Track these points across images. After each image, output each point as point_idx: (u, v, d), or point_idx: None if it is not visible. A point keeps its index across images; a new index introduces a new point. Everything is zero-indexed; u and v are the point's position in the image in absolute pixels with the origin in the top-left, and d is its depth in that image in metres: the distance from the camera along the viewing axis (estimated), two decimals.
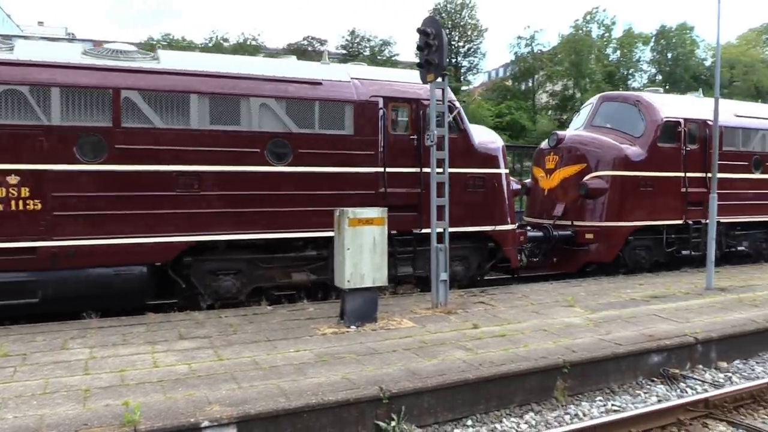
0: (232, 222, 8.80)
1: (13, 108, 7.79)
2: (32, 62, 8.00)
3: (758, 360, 7.90)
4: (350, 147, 9.59)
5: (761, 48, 61.24)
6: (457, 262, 10.55)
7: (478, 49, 53.56)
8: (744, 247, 14.11)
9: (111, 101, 8.25)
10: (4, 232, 7.69)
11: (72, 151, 8.06)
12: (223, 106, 8.82)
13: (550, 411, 6.18)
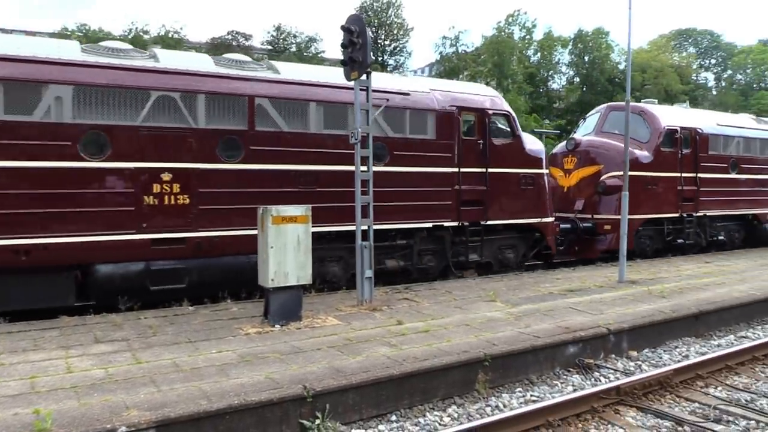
0: (338, 215, 9.84)
1: (167, 112, 8.75)
2: (179, 71, 8.99)
3: (665, 348, 8.36)
4: (433, 150, 11.03)
5: (670, 54, 64.70)
6: (509, 249, 12.29)
7: (404, 48, 54.25)
8: (722, 236, 16.58)
9: (247, 107, 9.35)
10: (161, 224, 8.60)
11: (215, 152, 9.12)
12: (333, 112, 10.07)
13: (472, 403, 6.32)
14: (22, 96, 7.96)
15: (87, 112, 8.33)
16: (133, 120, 8.62)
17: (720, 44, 70.19)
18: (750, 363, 7.73)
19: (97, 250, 8.41)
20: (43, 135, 8.08)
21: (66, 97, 8.17)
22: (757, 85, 63.87)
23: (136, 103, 8.64)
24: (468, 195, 11.32)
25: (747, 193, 16.92)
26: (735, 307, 9.60)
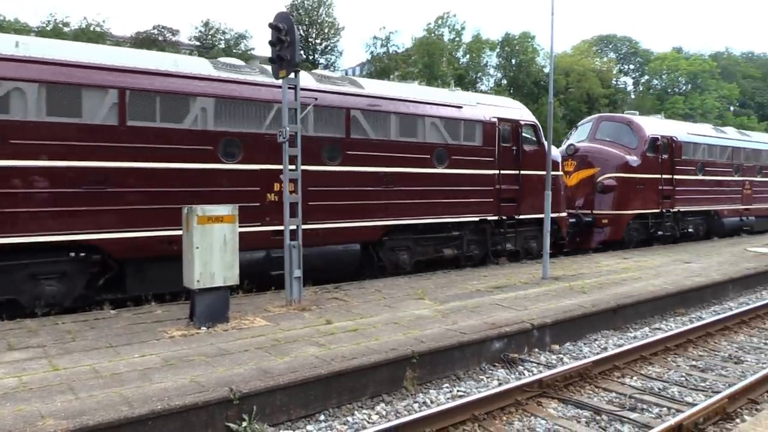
0: (409, 211, 11.68)
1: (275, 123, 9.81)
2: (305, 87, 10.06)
3: (585, 341, 8.69)
4: (479, 155, 12.88)
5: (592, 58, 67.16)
6: (533, 240, 14.28)
7: (335, 47, 54.08)
8: (691, 229, 19.24)
9: (344, 118, 10.87)
10: (279, 218, 9.25)
11: (320, 156, 10.54)
12: (408, 123, 11.73)
13: (400, 400, 6.39)
14: (174, 106, 9.17)
15: (224, 122, 9.61)
16: (259, 128, 9.96)
17: (638, 51, 73.54)
18: (663, 353, 8.14)
19: None
20: (191, 140, 9.30)
21: (209, 108, 9.45)
22: (671, 90, 67.26)
23: (260, 114, 9.99)
24: (505, 193, 13.34)
25: (710, 192, 19.85)
26: (650, 300, 10.09)
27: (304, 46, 51.28)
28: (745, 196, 21.57)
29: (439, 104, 12.33)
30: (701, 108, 60.89)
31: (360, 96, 11.24)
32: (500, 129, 13.29)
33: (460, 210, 12.55)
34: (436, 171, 12.14)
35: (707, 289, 11.50)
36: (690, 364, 7.88)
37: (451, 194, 12.35)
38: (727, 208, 20.67)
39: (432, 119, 12.12)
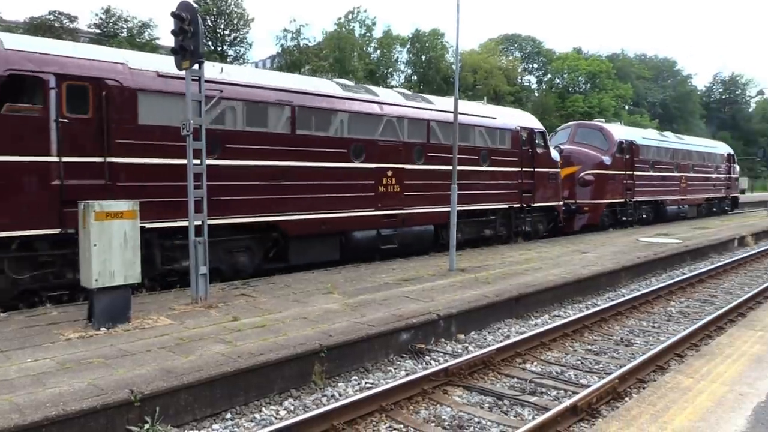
0: (465, 200, 14.11)
1: (389, 131, 12.94)
2: (393, 103, 13.29)
3: (489, 330, 9.00)
4: (508, 155, 16.15)
5: (498, 57, 69.28)
6: (540, 223, 17.88)
7: (245, 38, 52.98)
8: (644, 216, 23.71)
9: (426, 128, 13.87)
10: (387, 204, 12.81)
11: (412, 156, 13.46)
12: (464, 132, 14.52)
13: (308, 395, 6.39)
14: (324, 119, 11.74)
15: (353, 131, 12.24)
16: (373, 136, 12.69)
17: (541, 50, 76.54)
18: (561, 339, 8.57)
19: (354, 223, 12.31)
20: (334, 145, 11.81)
21: (345, 120, 12.06)
22: (572, 89, 70.46)
23: (374, 125, 12.73)
24: (524, 186, 16.64)
25: (659, 185, 24.46)
26: (550, 289, 10.57)
27: (211, 37, 49.92)
28: (681, 188, 26.34)
29: (482, 116, 15.74)
30: (599, 106, 64.22)
31: (433, 110, 14.29)
32: (521, 135, 16.63)
33: (496, 199, 15.87)
34: (481, 168, 15.34)
35: (602, 277, 12.18)
36: (586, 348, 8.33)
37: (490, 187, 15.62)
38: (669, 198, 25.37)
39: (479, 128, 15.39)
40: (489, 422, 5.80)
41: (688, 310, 10.67)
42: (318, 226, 11.57)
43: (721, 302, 11.24)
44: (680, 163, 26.23)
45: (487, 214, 15.79)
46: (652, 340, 8.75)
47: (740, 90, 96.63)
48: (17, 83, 8.21)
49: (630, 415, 4.67)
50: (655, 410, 4.75)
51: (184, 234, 9.11)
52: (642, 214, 23.59)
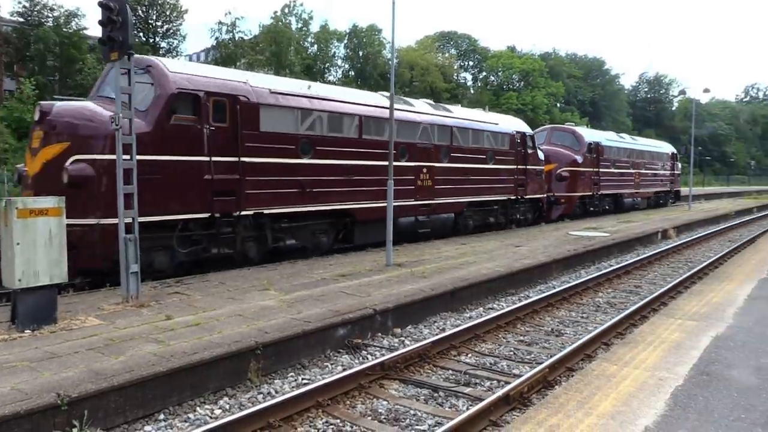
0: (476, 193, 17.55)
1: (424, 135, 15.59)
2: (426, 112, 16.12)
3: (426, 324, 9.14)
4: (507, 155, 19.04)
5: (435, 54, 69.96)
6: (528, 212, 20.94)
7: (178, 30, 51.40)
8: (607, 207, 27.62)
9: (449, 132, 16.60)
10: (423, 195, 15.42)
11: (440, 156, 16.08)
12: (476, 135, 17.70)
13: (244, 393, 6.33)
14: (379, 126, 14.06)
15: (399, 135, 14.41)
16: (414, 139, 15.35)
17: (477, 48, 77.80)
18: (494, 331, 8.78)
19: (400, 211, 14.36)
20: (383, 146, 13.38)
21: (383, 124, 13.92)
22: (507, 87, 71.93)
23: (414, 130, 15.41)
24: (518, 181, 19.59)
25: (618, 181, 28.38)
26: (484, 282, 10.81)
27: (142, 28, 48.28)
28: (636, 183, 30.40)
29: (488, 122, 18.86)
30: (532, 104, 65.83)
31: (455, 118, 17.26)
32: (516, 138, 19.62)
33: (498, 192, 18.70)
34: (489, 167, 18.21)
35: (534, 270, 12.54)
36: (518, 340, 8.57)
37: (494, 182, 18.46)
38: (627, 192, 29.38)
39: (487, 132, 18.35)
40: (424, 414, 5.90)
41: (615, 301, 11.12)
42: (376, 213, 13.64)
43: (645, 292, 11.76)
44: (635, 162, 30.22)
45: (491, 205, 18.74)
46: (580, 330, 9.07)
47: (664, 89, 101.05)
48: (181, 99, 10.23)
49: (558, 402, 4.85)
50: (581, 397, 4.95)
51: (288, 218, 12.17)
52: (605, 206, 27.52)
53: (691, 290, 10.13)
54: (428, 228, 15.99)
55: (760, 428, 4.39)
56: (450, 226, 17.04)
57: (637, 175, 30.55)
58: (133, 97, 8.48)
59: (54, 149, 9.54)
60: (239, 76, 11.86)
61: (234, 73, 12.15)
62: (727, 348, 6.37)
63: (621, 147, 29.25)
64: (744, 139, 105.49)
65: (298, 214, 12.30)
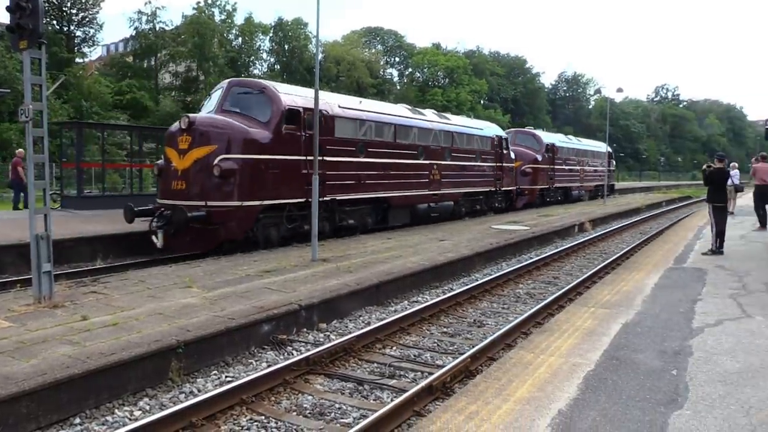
0: (468, 185, 21.97)
1: (434, 139, 19.66)
2: (434, 121, 20.44)
3: (351, 318, 9.19)
4: (489, 155, 23.55)
5: (361, 49, 70.00)
6: (501, 201, 25.32)
7: (95, 19, 49.10)
8: (560, 198, 32.81)
9: (451, 137, 20.87)
10: (433, 187, 19.33)
11: (445, 156, 20.14)
12: (469, 139, 22.08)
13: (165, 393, 6.19)
14: (407, 132, 18.22)
15: (419, 139, 18.71)
16: (428, 142, 19.20)
17: (402, 44, 78.36)
18: (419, 323, 8.93)
19: (418, 199, 18.79)
20: (411, 148, 18.27)
21: (417, 133, 18.52)
22: (432, 83, 72.87)
23: (428, 135, 19.29)
24: (497, 176, 24.31)
25: (568, 176, 33.88)
26: (409, 276, 10.97)
27: (56, 15, 45.88)
28: (581, 178, 36.29)
29: (477, 128, 23.85)
30: (456, 100, 66.99)
31: (454, 125, 21.81)
32: (495, 140, 24.38)
33: (483, 185, 23.31)
34: (477, 164, 22.72)
35: (458, 263, 12.83)
36: (442, 331, 8.76)
37: (481, 176, 23.15)
38: (574, 185, 35.05)
39: (476, 136, 22.95)
40: (349, 407, 5.95)
41: (534, 291, 11.54)
42: (405, 201, 18.14)
43: (562, 283, 12.26)
44: (580, 160, 35.86)
45: (478, 195, 23.20)
46: (501, 320, 9.36)
47: (582, 88, 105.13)
48: (289, 114, 13.51)
49: (477, 390, 5.00)
50: (499, 384, 5.13)
51: (349, 204, 15.72)
52: (558, 197, 32.69)
53: (604, 280, 10.61)
54: (437, 213, 20.22)
55: (663, 407, 4.69)
56: (450, 211, 21.13)
57: (581, 171, 36.11)
58: (254, 111, 13.40)
59: (203, 150, 12.43)
60: (325, 95, 15.87)
61: (322, 94, 14.63)
62: (635, 334, 6.74)
63: (570, 147, 34.75)
64: (655, 137, 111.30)
65: (355, 200, 15.95)
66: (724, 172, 12.96)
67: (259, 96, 13.65)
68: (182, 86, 53.91)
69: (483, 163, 23.08)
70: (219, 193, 12.21)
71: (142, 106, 45.11)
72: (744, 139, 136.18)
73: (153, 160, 26.70)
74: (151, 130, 29.14)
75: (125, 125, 32.21)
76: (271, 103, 13.45)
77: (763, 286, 9.42)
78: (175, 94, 52.67)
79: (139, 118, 42.91)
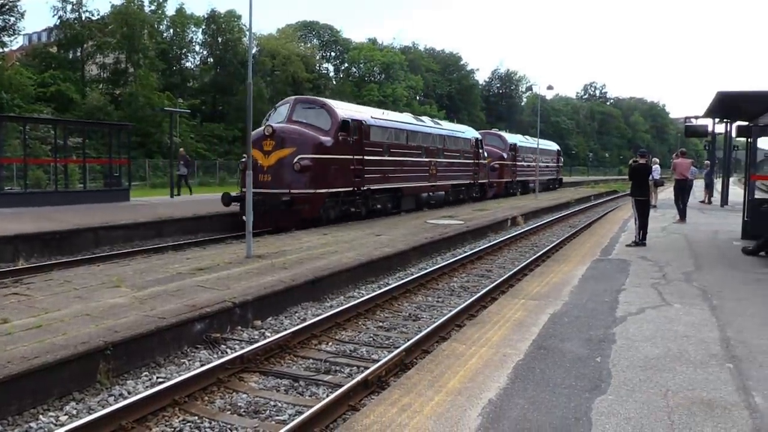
0: (455, 178, 27.55)
1: (432, 141, 25.06)
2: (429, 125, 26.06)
3: (287, 314, 9.14)
4: (469, 153, 29.39)
5: (297, 43, 69.27)
6: (477, 192, 30.79)
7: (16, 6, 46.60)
8: (519, 190, 38.43)
9: (439, 138, 26.01)
10: (431, 180, 24.58)
11: (438, 155, 25.25)
12: (455, 141, 27.92)
13: (93, 396, 6.01)
14: (415, 136, 23.54)
15: (422, 141, 23.81)
16: (427, 144, 24.20)
17: (338, 39, 78.01)
18: (354, 318, 8.97)
19: (421, 189, 23.75)
20: (416, 149, 23.30)
21: (421, 136, 23.97)
22: (368, 78, 72.95)
23: (429, 138, 24.48)
24: (475, 171, 29.79)
25: (529, 171, 39.90)
26: (344, 271, 10.98)
27: None
28: (537, 173, 40.97)
29: (460, 131, 29.54)
30: (392, 96, 67.33)
31: (444, 129, 27.45)
32: (473, 142, 30.02)
33: (465, 178, 28.82)
34: (462, 161, 28.11)
35: (394, 258, 12.94)
36: (377, 326, 8.83)
37: (464, 171, 28.63)
38: (531, 179, 39.72)
39: (461, 139, 28.58)
40: (285, 404, 5.94)
41: (468, 285, 11.78)
42: (412, 190, 23.10)
43: (495, 276, 12.56)
44: (537, 157, 41.07)
45: (461, 186, 28.66)
46: (436, 313, 9.51)
47: (514, 85, 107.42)
48: (343, 124, 17.93)
49: (411, 383, 5.09)
50: (432, 376, 5.23)
51: (377, 192, 20.45)
52: (519, 189, 38.71)
53: (534, 272, 10.93)
54: (433, 201, 25.43)
55: (587, 393, 4.89)
56: (443, 199, 26.42)
57: (537, 167, 41.50)
58: (318, 121, 17.80)
59: (285, 151, 16.64)
60: (359, 108, 21.90)
61: (357, 107, 21.96)
62: (562, 323, 6.99)
63: (528, 146, 41.06)
64: (584, 133, 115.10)
65: (381, 190, 20.55)
66: (646, 167, 13.56)
67: (320, 110, 18.29)
68: (110, 78, 52.02)
69: (466, 161, 28.77)
70: (299, 184, 16.51)
71: (68, 98, 43.30)
72: (666, 136, 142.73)
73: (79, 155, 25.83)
74: (77, 123, 28.08)
75: (49, 119, 30.71)
76: (331, 115, 17.99)
77: (681, 276, 9.93)
78: (103, 87, 50.75)
79: (64, 112, 41.16)
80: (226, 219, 19.15)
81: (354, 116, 18.80)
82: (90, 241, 15.11)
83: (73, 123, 27.20)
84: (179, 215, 18.50)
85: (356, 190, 18.59)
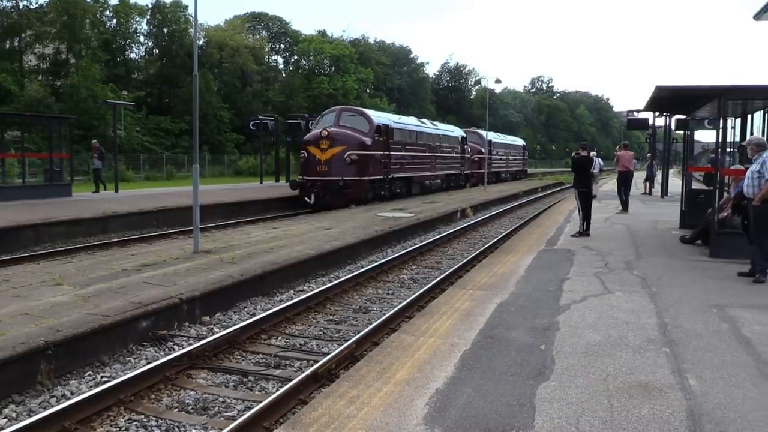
0: (447, 168, 34.14)
1: (431, 140, 31.62)
2: (431, 127, 33.59)
3: (235, 310, 9.05)
4: (457, 148, 36.16)
5: (245, 35, 68.24)
6: (464, 182, 37.42)
7: None
8: (495, 179, 45.11)
9: (439, 137, 33.31)
10: (432, 170, 31.59)
11: (436, 149, 32.22)
12: (447, 138, 34.55)
13: (34, 398, 5.84)
14: (423, 136, 30.62)
15: (427, 140, 30.60)
16: (429, 142, 30.78)
17: (288, 31, 77.13)
18: (305, 312, 8.96)
19: (425, 178, 30.65)
20: (422, 146, 29.88)
21: (425, 136, 30.91)
22: (318, 71, 72.42)
23: (431, 137, 31.38)
24: (462, 164, 36.45)
25: (502, 163, 47.59)
26: (294, 265, 10.94)
27: None
28: (507, 165, 49.24)
29: (450, 131, 36.08)
30: (343, 89, 67.06)
31: (440, 129, 34.21)
32: (459, 139, 35.89)
33: (455, 169, 34.82)
34: (452, 155, 34.29)
35: (344, 251, 12.94)
36: (327, 319, 8.84)
37: (454, 163, 34.85)
38: (502, 170, 47.38)
39: (452, 137, 35.04)
40: (234, 400, 5.90)
41: (418, 277, 11.89)
42: (420, 179, 29.19)
43: (444, 267, 12.71)
44: (506, 151, 48.35)
45: (452, 176, 34.43)
46: (386, 305, 9.57)
47: (464, 79, 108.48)
48: (378, 128, 24.21)
49: (359, 375, 5.12)
50: (380, 367, 5.28)
51: (397, 180, 26.80)
52: (493, 178, 43.22)
53: (482, 263, 11.10)
54: (433, 187, 31.28)
55: (532, 380, 5.02)
56: (440, 186, 32.40)
57: (507, 160, 49.48)
58: (359, 126, 23.79)
59: (338, 149, 22.52)
60: (386, 115, 29.22)
61: (384, 114, 29.07)
62: (509, 313, 7.14)
63: (500, 142, 48.17)
64: (532, 126, 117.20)
65: (400, 178, 26.57)
66: (588, 159, 13.92)
67: (361, 117, 24.45)
68: (51, 69, 50.26)
69: (455, 155, 35.22)
70: (349, 173, 22.47)
71: (5, 90, 41.62)
72: (610, 129, 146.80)
73: (18, 149, 24.87)
74: (15, 116, 27.03)
75: None
76: (369, 121, 24.16)
77: (623, 264, 10.26)
78: (43, 78, 48.95)
79: (0, 104, 39.58)
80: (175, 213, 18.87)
81: (383, 121, 25.33)
82: (30, 238, 14.61)
83: (11, 116, 26.15)
84: (125, 210, 18.05)
85: (385, 178, 24.89)
